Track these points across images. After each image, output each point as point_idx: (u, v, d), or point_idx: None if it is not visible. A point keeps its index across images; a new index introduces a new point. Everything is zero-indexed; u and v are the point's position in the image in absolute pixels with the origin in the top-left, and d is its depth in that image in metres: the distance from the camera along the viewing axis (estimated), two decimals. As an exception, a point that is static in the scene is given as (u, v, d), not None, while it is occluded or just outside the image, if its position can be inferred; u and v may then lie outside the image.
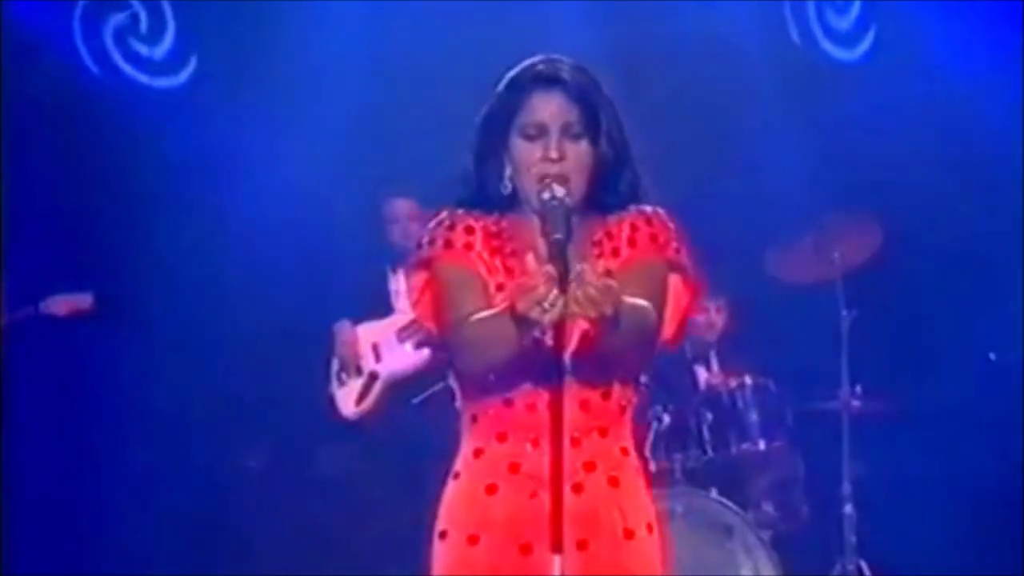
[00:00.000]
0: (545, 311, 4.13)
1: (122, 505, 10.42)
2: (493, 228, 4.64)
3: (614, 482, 4.58)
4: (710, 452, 9.10)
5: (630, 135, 5.87)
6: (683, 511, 8.70)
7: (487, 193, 4.67)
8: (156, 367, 10.52)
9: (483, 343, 4.43)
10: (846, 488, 8.94)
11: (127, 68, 10.99)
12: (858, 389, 9.03)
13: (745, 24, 11.03)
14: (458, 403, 4.74)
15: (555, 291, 4.14)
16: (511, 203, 4.65)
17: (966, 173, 10.32)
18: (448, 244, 4.58)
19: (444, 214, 4.71)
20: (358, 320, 9.98)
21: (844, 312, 8.92)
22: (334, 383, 9.97)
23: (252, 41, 10.83)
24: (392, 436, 9.82)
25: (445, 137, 10.48)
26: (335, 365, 9.98)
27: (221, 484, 10.84)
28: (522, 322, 4.24)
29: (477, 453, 4.63)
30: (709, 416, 9.12)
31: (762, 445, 8.98)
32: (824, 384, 9.16)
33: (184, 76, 11.02)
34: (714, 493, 8.82)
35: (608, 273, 4.35)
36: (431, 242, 4.64)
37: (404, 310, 9.46)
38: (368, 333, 9.92)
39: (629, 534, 4.56)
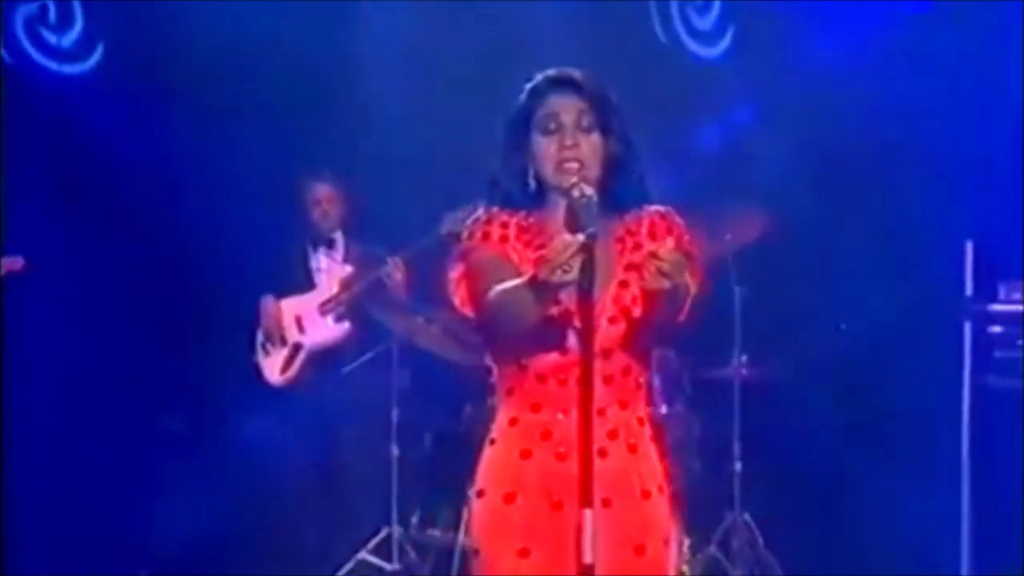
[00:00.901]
0: (565, 272, 4.26)
1: (52, 464, 10.34)
2: (524, 224, 4.78)
3: (633, 449, 4.73)
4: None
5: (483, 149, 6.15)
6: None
7: (514, 192, 4.81)
8: (86, 332, 10.40)
9: (509, 310, 4.56)
10: (736, 447, 9.12)
11: (36, 55, 10.87)
12: (744, 358, 9.19)
13: (615, 23, 10.96)
14: (493, 378, 4.84)
15: (573, 255, 4.29)
16: (536, 200, 4.79)
17: (823, 162, 10.24)
18: (485, 237, 4.74)
19: (481, 212, 4.86)
20: (282, 295, 9.96)
21: (736, 288, 9.07)
22: (259, 353, 9.97)
23: (157, 29, 10.65)
24: (312, 403, 9.82)
25: (360, 122, 10.60)
26: (260, 336, 9.97)
27: (153, 445, 10.72)
28: (542, 287, 4.38)
29: (512, 422, 4.75)
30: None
31: (664, 409, 9.05)
32: (718, 353, 9.27)
33: (91, 63, 10.92)
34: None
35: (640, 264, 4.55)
36: (470, 236, 4.81)
37: (324, 286, 10.01)
38: (291, 307, 9.92)
39: (646, 494, 4.71)
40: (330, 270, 10.00)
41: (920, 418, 9.85)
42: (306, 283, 9.99)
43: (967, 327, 9.41)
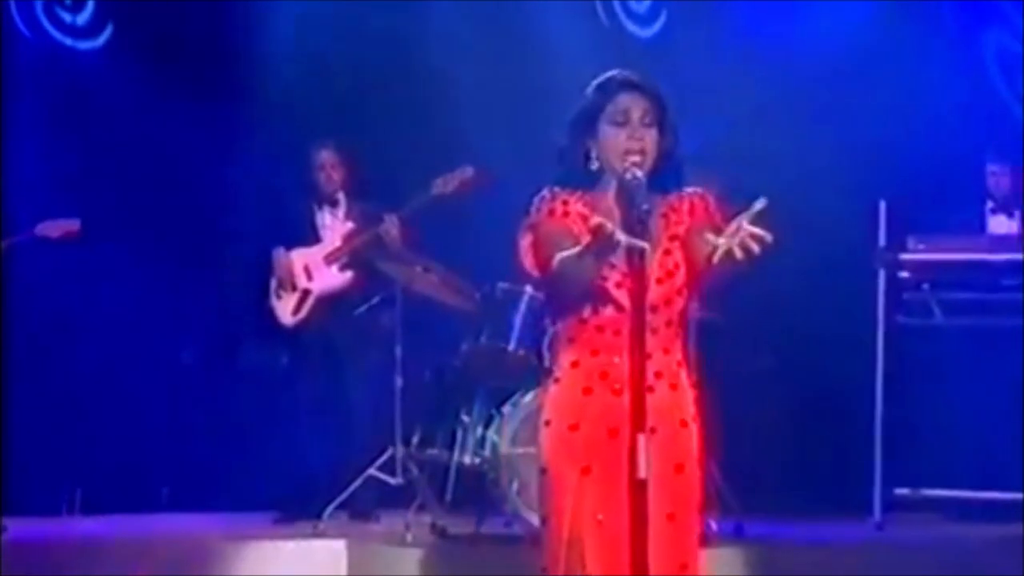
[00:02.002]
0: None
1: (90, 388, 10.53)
2: (581, 202, 4.92)
3: (674, 387, 4.91)
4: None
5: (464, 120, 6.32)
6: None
7: (576, 171, 4.96)
8: (127, 281, 10.46)
9: (570, 272, 4.77)
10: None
11: (54, 32, 10.94)
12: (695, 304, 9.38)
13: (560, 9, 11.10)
14: (557, 327, 5.03)
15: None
16: (593, 180, 4.95)
17: (753, 129, 10.41)
18: (551, 212, 4.90)
19: (546, 191, 4.98)
20: (292, 247, 9.98)
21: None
22: (273, 297, 9.99)
23: (159, 10, 10.68)
24: (321, 341, 9.94)
25: (363, 97, 10.67)
26: (273, 283, 9.99)
27: (178, 376, 10.98)
28: (595, 253, 4.65)
29: (574, 364, 4.91)
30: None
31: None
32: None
33: (101, 40, 11.00)
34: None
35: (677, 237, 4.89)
36: (537, 211, 4.95)
37: (329, 240, 10.04)
38: (301, 257, 9.95)
39: (684, 423, 4.92)
40: (334, 226, 10.01)
41: (842, 350, 9.99)
42: (313, 237, 10.02)
43: (881, 273, 9.62)
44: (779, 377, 10.23)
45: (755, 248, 4.50)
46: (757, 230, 4.50)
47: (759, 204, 4.56)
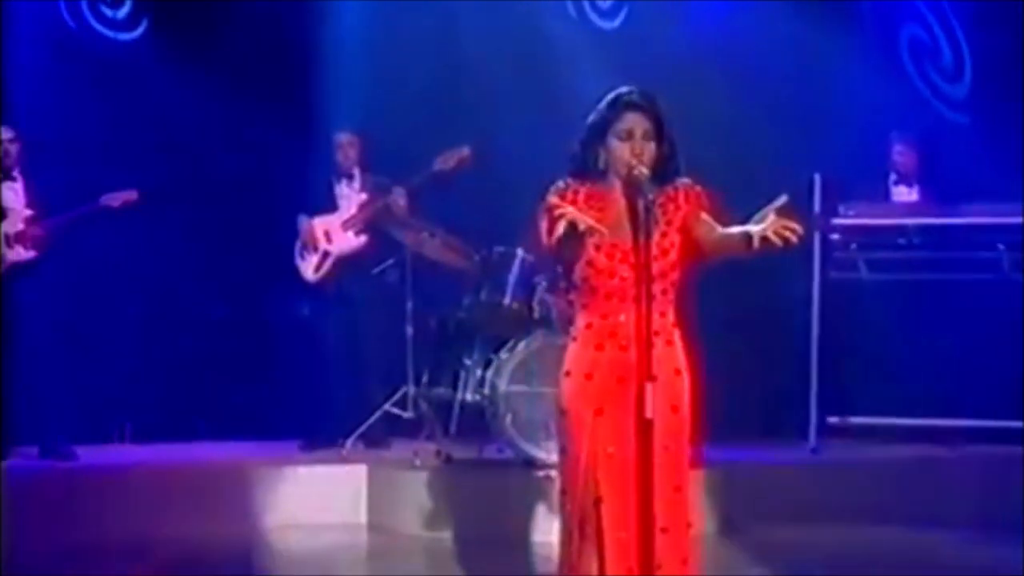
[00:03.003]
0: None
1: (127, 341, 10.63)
2: (589, 191, 5.07)
3: (669, 343, 5.05)
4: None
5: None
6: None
7: (588, 167, 5.08)
8: (172, 243, 10.60)
9: (562, 248, 4.93)
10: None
11: (97, 25, 10.94)
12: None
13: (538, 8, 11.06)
14: (572, 296, 5.15)
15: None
16: (600, 176, 5.08)
17: (702, 112, 9.61)
18: (562, 197, 4.99)
19: (562, 182, 5.08)
20: (314, 215, 10.01)
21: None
22: (298, 258, 10.05)
23: (190, 6, 10.66)
24: (339, 295, 9.99)
25: (374, 85, 10.40)
26: (298, 246, 10.05)
27: (214, 325, 11.02)
28: (573, 232, 4.78)
29: (588, 326, 5.06)
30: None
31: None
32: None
33: (138, 32, 10.97)
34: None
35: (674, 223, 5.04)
36: (552, 197, 5.02)
37: (345, 208, 10.05)
38: (321, 224, 9.99)
39: (678, 372, 5.07)
40: (350, 196, 10.03)
41: (784, 299, 10.09)
42: (332, 206, 10.03)
43: (816, 236, 9.67)
44: (730, 323, 10.18)
45: (793, 238, 4.80)
46: (791, 223, 4.80)
47: (780, 200, 4.88)
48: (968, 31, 11.39)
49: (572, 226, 4.78)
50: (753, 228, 4.90)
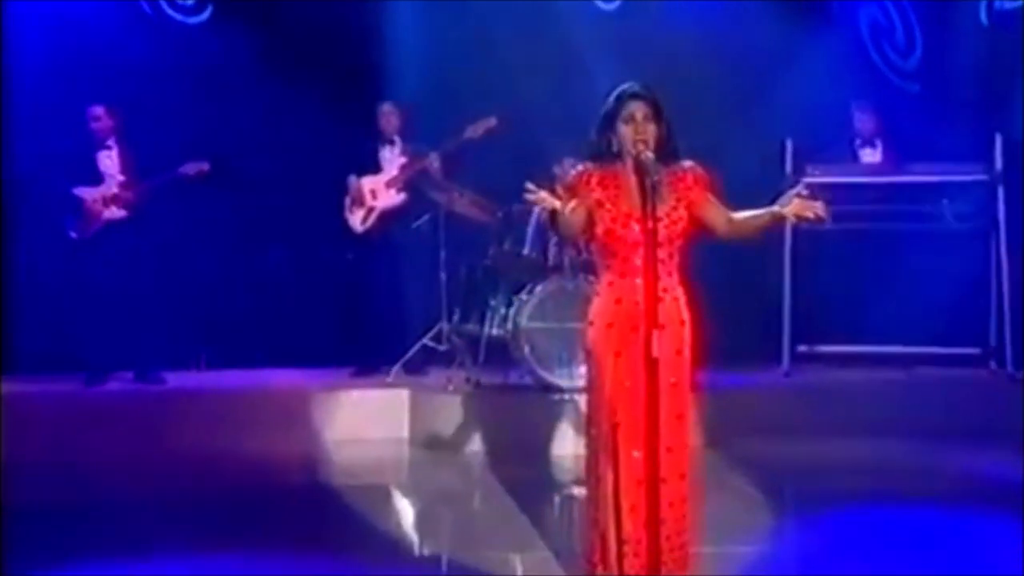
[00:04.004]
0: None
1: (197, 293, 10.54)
2: (602, 174, 5.19)
3: (675, 299, 5.15)
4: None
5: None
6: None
7: (601, 150, 5.19)
8: (238, 206, 10.70)
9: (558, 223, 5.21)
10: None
11: (169, 10, 10.97)
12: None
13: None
14: (595, 259, 5.32)
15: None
16: (613, 159, 5.17)
17: (689, 89, 9.49)
18: (577, 181, 5.21)
19: (580, 166, 5.22)
20: (361, 175, 10.07)
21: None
22: (347, 212, 10.10)
23: None
24: (385, 243, 10.06)
25: (419, 63, 10.47)
26: (347, 201, 10.09)
27: (274, 268, 11.01)
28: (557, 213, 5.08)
29: (610, 284, 5.19)
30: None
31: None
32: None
33: (204, 16, 10.96)
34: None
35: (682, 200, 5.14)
36: (570, 178, 5.26)
37: (388, 170, 10.07)
38: (367, 183, 10.05)
39: (682, 322, 5.18)
40: (392, 160, 10.07)
41: (761, 245, 9.38)
42: (376, 168, 10.08)
43: (788, 193, 9.92)
44: (716, 265, 9.82)
45: (824, 216, 5.15)
46: (815, 204, 5.16)
47: (799, 188, 5.30)
48: (919, 11, 11.46)
49: (552, 212, 5.11)
50: (782, 208, 5.26)
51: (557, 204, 5.14)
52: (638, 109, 5.16)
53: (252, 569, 5.94)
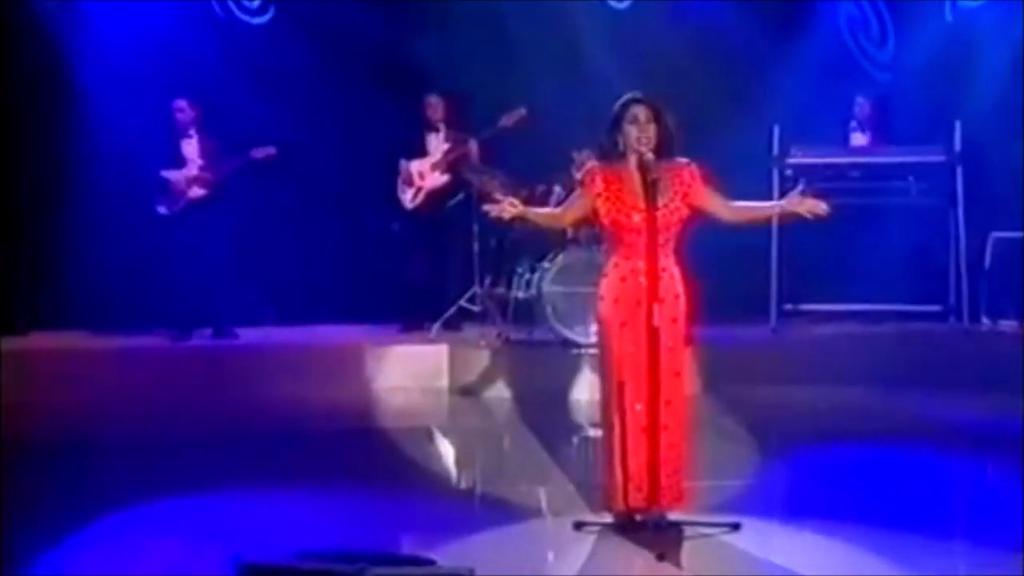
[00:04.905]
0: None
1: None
2: (607, 173, 5.35)
3: (671, 277, 5.31)
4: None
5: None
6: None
7: (610, 150, 5.35)
8: (301, 185, 10.65)
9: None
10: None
11: (237, 12, 10.98)
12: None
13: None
14: (604, 245, 5.65)
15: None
16: (620, 157, 5.32)
17: (690, 81, 9.86)
18: (584, 178, 5.43)
19: (590, 164, 5.40)
20: (410, 159, 10.11)
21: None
22: (400, 190, 10.14)
23: None
24: (430, 218, 10.10)
25: (460, 60, 10.42)
26: (399, 181, 10.13)
27: (332, 238, 10.97)
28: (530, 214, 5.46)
29: (616, 265, 5.35)
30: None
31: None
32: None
33: (267, 17, 10.95)
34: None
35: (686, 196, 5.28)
36: (581, 174, 5.52)
37: (433, 155, 10.07)
38: (416, 166, 10.10)
39: (677, 296, 5.33)
40: (437, 145, 10.07)
41: (748, 228, 10.25)
42: (423, 153, 10.10)
43: (775, 172, 9.70)
44: (710, 231, 10.29)
45: (823, 213, 5.30)
46: (818, 201, 5.36)
47: (801, 186, 5.48)
48: (891, 9, 11.38)
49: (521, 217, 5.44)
50: (785, 203, 5.49)
51: (516, 211, 5.43)
52: (641, 112, 5.30)
53: (313, 500, 6.01)
